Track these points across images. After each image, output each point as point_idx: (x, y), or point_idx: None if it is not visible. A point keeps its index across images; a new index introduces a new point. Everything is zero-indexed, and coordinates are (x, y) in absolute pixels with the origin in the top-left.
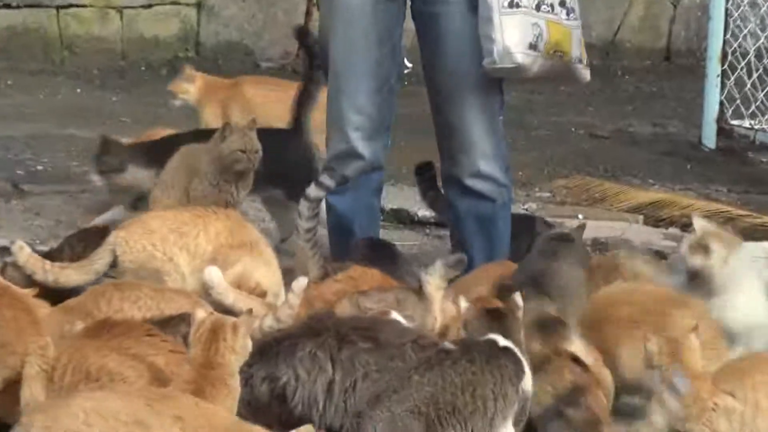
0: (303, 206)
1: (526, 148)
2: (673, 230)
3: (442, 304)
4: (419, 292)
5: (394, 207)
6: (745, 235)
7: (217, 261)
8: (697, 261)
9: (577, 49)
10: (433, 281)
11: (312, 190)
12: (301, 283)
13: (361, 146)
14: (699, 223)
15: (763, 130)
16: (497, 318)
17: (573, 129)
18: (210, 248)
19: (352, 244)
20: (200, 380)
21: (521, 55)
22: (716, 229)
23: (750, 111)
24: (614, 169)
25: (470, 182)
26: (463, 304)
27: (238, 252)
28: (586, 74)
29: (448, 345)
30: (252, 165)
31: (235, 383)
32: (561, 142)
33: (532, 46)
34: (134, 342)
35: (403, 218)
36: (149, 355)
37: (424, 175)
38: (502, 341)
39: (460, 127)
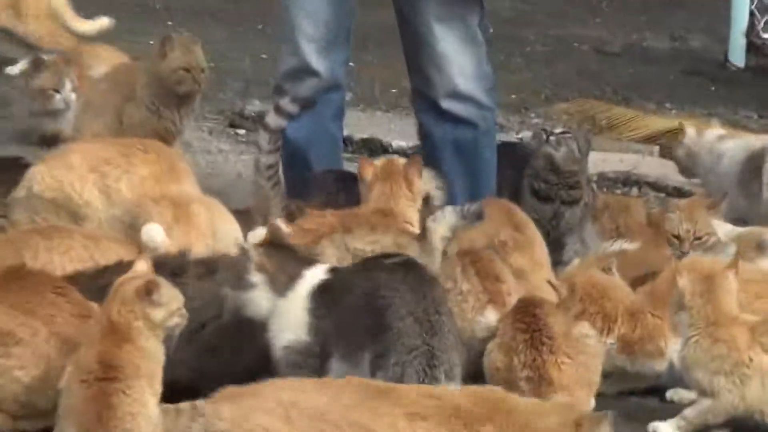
0: (262, 138)
1: (521, 67)
2: None
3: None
4: (423, 239)
5: (365, 136)
6: None
7: (132, 214)
8: None
9: None
10: (440, 230)
11: (271, 119)
12: (257, 234)
13: (316, 61)
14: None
15: None
16: None
17: (576, 44)
18: (130, 197)
19: (309, 177)
20: (107, 343)
21: None
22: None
23: None
24: (625, 92)
25: (446, 104)
26: None
27: (158, 208)
28: None
29: None
30: (198, 86)
31: (150, 346)
32: (562, 60)
33: None
34: (38, 298)
35: (375, 149)
36: (49, 314)
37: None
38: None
39: (429, 39)
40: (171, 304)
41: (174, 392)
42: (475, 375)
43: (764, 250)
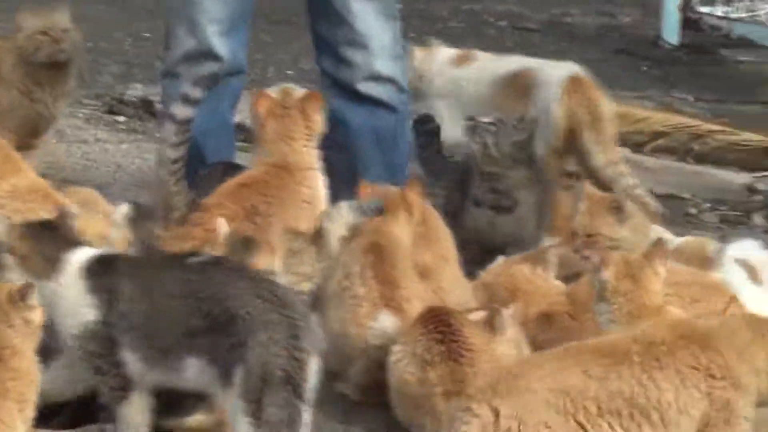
0: (169, 130)
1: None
2: (623, 151)
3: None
4: (318, 242)
5: None
6: (718, 158)
7: None
8: None
9: None
10: (336, 231)
11: (179, 109)
12: (122, 210)
13: (219, 43)
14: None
15: (742, 20)
16: None
17: (492, 20)
18: None
19: (204, 171)
20: None
21: None
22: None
23: None
24: None
25: (365, 87)
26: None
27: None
28: None
29: None
30: (61, 49)
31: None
32: (477, 37)
33: None
34: None
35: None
36: None
37: (421, 129)
38: None
39: (346, 16)
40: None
41: None
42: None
43: (712, 263)
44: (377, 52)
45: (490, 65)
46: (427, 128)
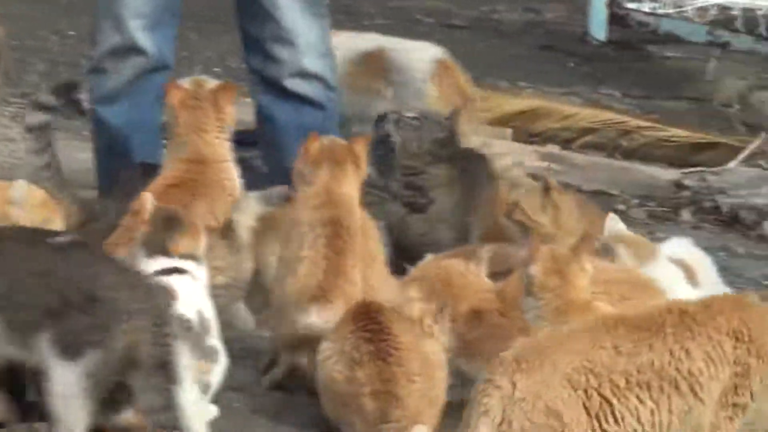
0: (28, 140)
1: None
2: (551, 148)
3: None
4: (228, 234)
5: None
6: (646, 154)
7: None
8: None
9: None
10: (245, 222)
11: (31, 117)
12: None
13: (143, 38)
14: (612, 225)
15: (669, 15)
16: None
17: (420, 17)
18: None
19: (127, 171)
20: None
21: None
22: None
23: None
24: (474, 69)
25: (292, 84)
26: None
27: None
28: None
29: None
30: None
31: None
32: (404, 35)
33: None
34: None
35: None
36: None
37: (375, 128)
38: None
39: (274, 12)
40: None
41: None
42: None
43: (608, 253)
44: (304, 49)
45: (347, 42)
46: (381, 128)
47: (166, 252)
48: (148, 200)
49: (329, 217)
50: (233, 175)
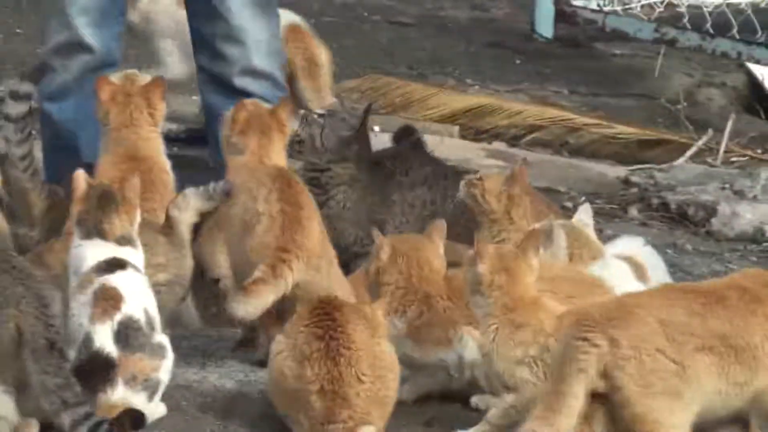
0: (7, 129)
1: None
2: (498, 145)
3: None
4: (168, 231)
5: None
6: (594, 151)
7: None
8: None
9: None
10: (186, 219)
11: (11, 107)
12: None
13: (89, 34)
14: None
15: (616, 12)
16: None
17: (366, 14)
18: None
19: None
20: None
21: None
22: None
23: None
24: (421, 66)
25: (241, 82)
26: None
27: None
28: None
29: None
30: None
31: None
32: (351, 32)
33: None
34: None
35: None
36: None
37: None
38: None
39: (224, 11)
40: None
41: None
42: None
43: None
44: (253, 47)
45: None
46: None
47: (102, 234)
48: (81, 178)
49: (274, 174)
50: (168, 169)
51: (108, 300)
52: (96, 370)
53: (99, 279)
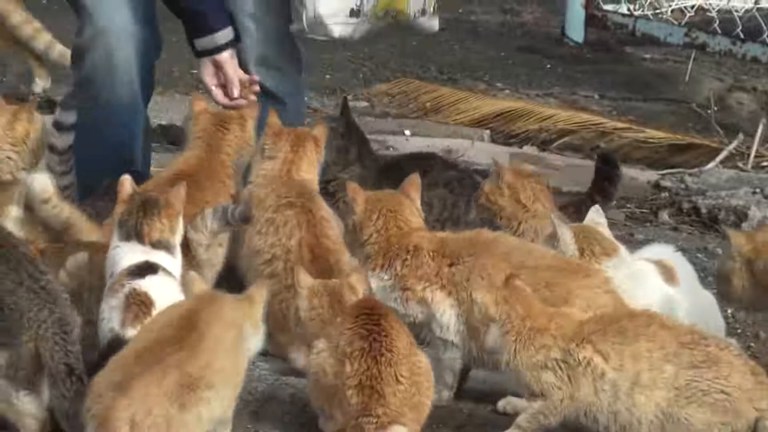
0: (52, 160)
1: (335, 45)
2: (528, 149)
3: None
4: (186, 251)
5: (163, 123)
6: (624, 156)
7: None
8: None
9: (417, 3)
10: (203, 240)
11: (57, 139)
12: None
13: None
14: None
15: (646, 17)
16: None
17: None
18: None
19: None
20: None
21: (339, 27)
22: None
23: None
24: (452, 71)
25: (256, 72)
26: None
27: None
28: (433, 24)
29: None
30: None
31: None
32: (381, 36)
33: (355, 12)
34: None
35: (173, 137)
36: None
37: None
38: None
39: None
40: None
41: None
42: None
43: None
44: (264, 38)
45: None
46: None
47: (140, 236)
48: (127, 182)
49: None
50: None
51: (139, 304)
52: None
53: (130, 283)
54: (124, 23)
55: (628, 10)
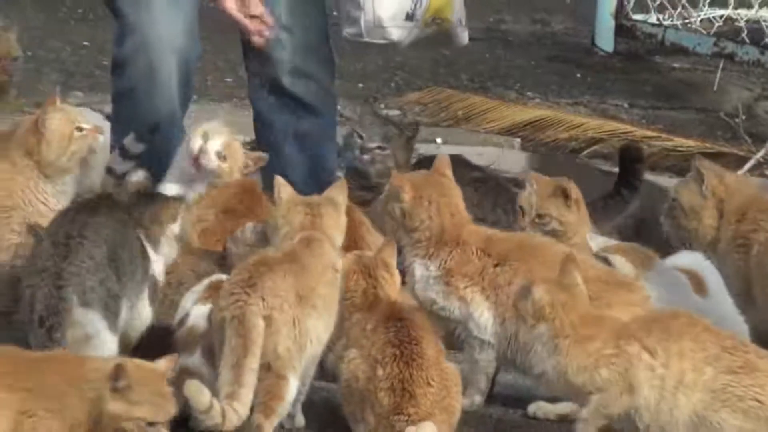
0: (107, 182)
1: (367, 53)
2: (559, 157)
3: None
4: (222, 262)
5: None
6: (653, 163)
7: None
8: None
9: (459, 12)
10: (238, 250)
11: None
12: None
13: None
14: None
15: (675, 26)
16: None
17: None
18: None
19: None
20: None
21: (397, 30)
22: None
23: (658, 2)
24: (483, 79)
25: (290, 83)
26: None
27: None
28: (464, 37)
29: None
30: (7, 76)
31: None
32: (413, 45)
33: (410, 17)
34: None
35: None
36: None
37: (626, 163)
38: None
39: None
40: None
41: None
42: None
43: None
44: (299, 49)
45: None
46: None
47: None
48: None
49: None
50: None
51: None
52: None
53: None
54: (167, 36)
55: (658, 19)
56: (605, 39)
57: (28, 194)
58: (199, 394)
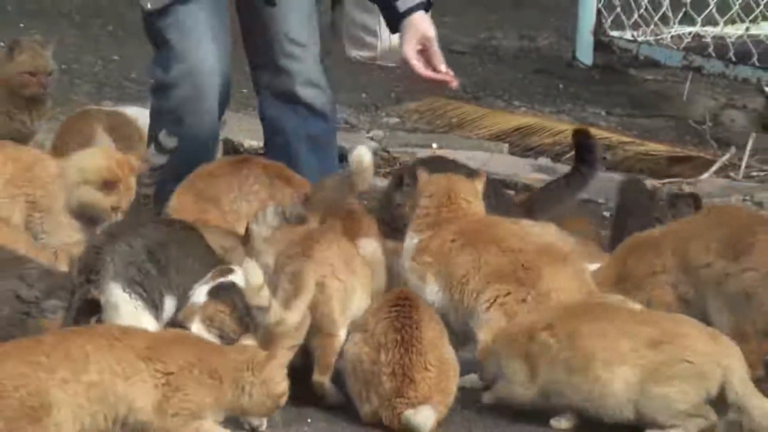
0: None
1: (370, 66)
2: (543, 160)
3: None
4: (246, 241)
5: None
6: (629, 166)
7: None
8: None
9: None
10: (261, 233)
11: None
12: None
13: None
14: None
15: (648, 42)
16: None
17: None
18: None
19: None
20: None
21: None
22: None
23: (632, 21)
24: (474, 90)
25: (304, 92)
26: None
27: None
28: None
29: None
30: (43, 90)
31: None
32: None
33: None
34: None
35: (227, 150)
36: None
37: (580, 143)
38: None
39: (282, 28)
40: None
41: None
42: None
43: None
44: (309, 60)
45: None
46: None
47: None
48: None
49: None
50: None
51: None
52: None
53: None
54: (211, 61)
55: (632, 36)
56: (585, 53)
57: None
58: (254, 271)
